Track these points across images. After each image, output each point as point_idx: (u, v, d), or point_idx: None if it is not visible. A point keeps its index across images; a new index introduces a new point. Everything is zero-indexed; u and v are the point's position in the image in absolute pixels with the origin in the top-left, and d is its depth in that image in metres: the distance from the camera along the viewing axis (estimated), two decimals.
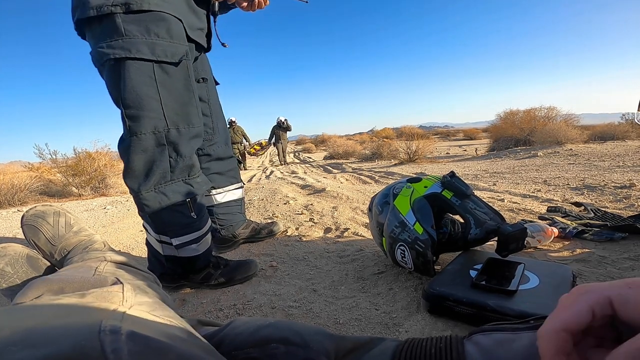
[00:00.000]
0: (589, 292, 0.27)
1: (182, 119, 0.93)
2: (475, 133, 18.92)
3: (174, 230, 0.98)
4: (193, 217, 0.99)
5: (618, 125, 6.92)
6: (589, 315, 0.26)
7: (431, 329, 0.76)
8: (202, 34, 1.03)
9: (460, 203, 0.93)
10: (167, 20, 0.87)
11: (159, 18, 0.85)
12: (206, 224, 1.06)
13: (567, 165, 3.33)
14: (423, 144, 5.86)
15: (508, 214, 1.67)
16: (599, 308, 0.26)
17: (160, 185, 0.93)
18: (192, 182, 0.99)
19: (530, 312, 0.66)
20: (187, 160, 0.96)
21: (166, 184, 0.94)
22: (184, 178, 0.97)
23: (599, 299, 0.26)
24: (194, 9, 0.97)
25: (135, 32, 0.83)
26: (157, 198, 0.93)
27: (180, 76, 0.90)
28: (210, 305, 0.99)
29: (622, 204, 1.69)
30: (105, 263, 0.64)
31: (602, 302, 0.26)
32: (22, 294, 0.48)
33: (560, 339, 0.26)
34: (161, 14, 0.85)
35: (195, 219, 1.00)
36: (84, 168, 4.86)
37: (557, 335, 0.26)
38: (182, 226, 0.98)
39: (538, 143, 5.79)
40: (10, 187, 4.01)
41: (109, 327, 0.29)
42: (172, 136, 0.91)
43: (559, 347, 0.26)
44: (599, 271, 0.97)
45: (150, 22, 0.84)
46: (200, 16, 1.00)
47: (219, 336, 0.46)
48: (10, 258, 0.71)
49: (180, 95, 0.91)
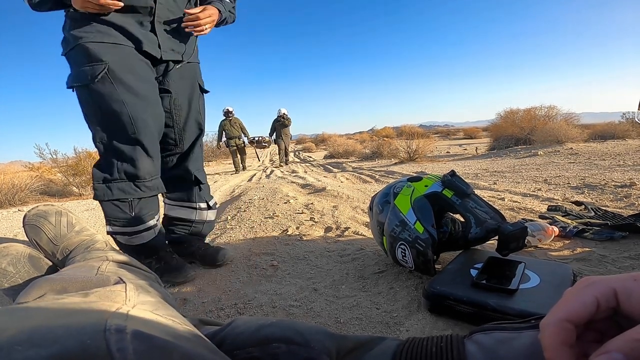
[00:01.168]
0: (594, 283, 0.27)
1: (115, 129, 1.06)
2: (475, 132, 18.90)
3: (110, 220, 1.13)
4: (130, 214, 1.12)
5: (618, 124, 6.91)
6: (593, 306, 0.26)
7: (432, 328, 0.77)
8: (154, 47, 1.13)
9: (460, 202, 0.94)
10: (86, 47, 1.01)
11: (81, 49, 1.02)
12: (143, 224, 1.15)
13: (568, 164, 3.32)
14: (423, 143, 5.85)
15: (508, 213, 1.67)
16: (603, 299, 0.26)
17: (108, 182, 1.09)
18: (139, 185, 1.11)
19: (531, 311, 0.66)
20: (129, 164, 1.08)
21: (114, 181, 1.08)
22: (133, 180, 1.10)
23: (604, 290, 0.26)
24: (139, 30, 1.09)
25: (74, 64, 1.04)
26: (104, 191, 1.09)
27: (104, 91, 1.02)
28: (212, 305, 0.99)
29: (622, 203, 1.69)
30: (107, 262, 0.64)
31: (607, 294, 0.26)
32: (25, 294, 0.48)
33: (564, 330, 0.26)
34: (82, 45, 1.01)
35: (132, 217, 1.12)
36: (85, 167, 4.86)
37: (562, 325, 0.26)
38: (117, 219, 1.12)
39: (538, 142, 5.79)
40: (10, 186, 4.01)
41: (114, 326, 0.29)
42: (111, 145, 1.06)
43: (563, 338, 0.26)
44: (599, 270, 0.97)
45: (76, 55, 1.03)
46: (148, 35, 1.11)
47: (220, 335, 0.47)
48: (12, 258, 0.71)
49: (108, 108, 1.03)
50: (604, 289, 0.26)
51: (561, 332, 0.26)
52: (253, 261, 1.31)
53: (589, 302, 0.26)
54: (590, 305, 0.26)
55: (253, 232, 1.74)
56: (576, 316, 0.26)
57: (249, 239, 1.63)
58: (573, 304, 0.26)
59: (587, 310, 0.26)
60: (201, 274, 1.25)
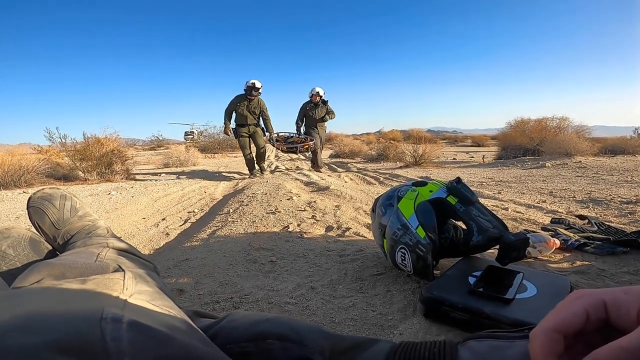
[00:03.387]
0: (585, 295, 0.27)
1: None
2: (483, 140, 18.76)
3: None
4: None
5: (630, 139, 6.82)
6: (582, 317, 0.26)
7: (425, 332, 0.76)
8: None
9: (464, 209, 0.93)
10: None
11: None
12: None
13: (575, 177, 3.29)
14: (430, 148, 5.81)
15: (511, 223, 1.66)
16: (593, 310, 0.26)
17: None
18: None
19: (525, 321, 0.66)
20: None
21: None
22: None
23: (594, 301, 0.26)
24: None
25: None
26: None
27: None
28: (208, 297, 0.99)
29: (626, 219, 1.67)
30: (107, 249, 0.64)
31: (597, 305, 0.26)
32: (22, 278, 0.48)
33: (552, 340, 0.26)
34: None
35: None
36: (92, 153, 4.89)
37: (550, 335, 0.26)
38: None
39: (547, 153, 5.73)
40: (17, 168, 4.05)
41: (111, 316, 0.29)
42: None
43: (551, 348, 0.26)
44: (596, 284, 0.97)
45: None
46: None
47: (215, 329, 0.47)
48: (14, 240, 0.71)
49: None
50: (593, 300, 0.26)
51: (549, 342, 0.26)
52: (252, 256, 1.32)
53: (578, 313, 0.26)
54: (580, 316, 0.26)
55: (254, 226, 1.74)
56: (565, 327, 0.26)
57: (249, 233, 1.64)
58: (562, 314, 0.26)
59: (576, 321, 0.26)
60: (199, 265, 1.26)
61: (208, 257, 1.34)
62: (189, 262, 1.31)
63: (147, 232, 2.01)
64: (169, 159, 7.47)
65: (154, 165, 7.84)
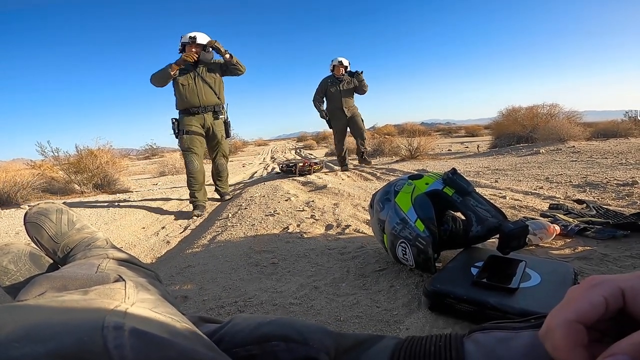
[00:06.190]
0: (602, 283, 0.26)
1: None
2: (477, 130, 18.83)
3: None
4: None
5: (621, 122, 6.86)
6: (602, 306, 0.25)
7: (432, 326, 0.76)
8: None
9: (461, 200, 0.93)
10: None
11: None
12: None
13: (570, 162, 3.31)
14: (425, 141, 5.83)
15: (510, 211, 1.66)
16: (612, 300, 0.25)
17: None
18: None
19: (531, 310, 0.66)
20: None
21: None
22: None
23: (612, 290, 0.25)
24: None
25: None
26: None
27: None
28: (212, 302, 0.99)
29: (624, 202, 1.68)
30: (108, 260, 0.64)
31: (616, 294, 0.25)
32: (25, 291, 0.48)
33: (576, 331, 0.25)
34: None
35: None
36: (86, 165, 4.86)
37: (574, 327, 0.25)
38: None
39: (540, 140, 5.76)
40: (13, 184, 4.02)
41: (112, 324, 0.29)
42: None
43: (577, 340, 0.25)
44: (600, 269, 0.97)
45: None
46: None
47: (220, 333, 0.47)
48: (14, 255, 0.72)
49: None
50: (612, 289, 0.25)
51: (573, 333, 0.25)
52: (254, 259, 1.31)
53: (598, 303, 0.25)
54: (600, 306, 0.25)
55: (254, 229, 1.74)
56: (586, 317, 0.25)
57: (249, 237, 1.64)
58: (582, 304, 0.26)
59: (596, 310, 0.25)
60: (201, 271, 1.25)
61: (210, 263, 1.34)
62: (191, 268, 1.31)
63: (148, 241, 2.01)
64: (165, 167, 7.45)
65: (149, 175, 7.81)
